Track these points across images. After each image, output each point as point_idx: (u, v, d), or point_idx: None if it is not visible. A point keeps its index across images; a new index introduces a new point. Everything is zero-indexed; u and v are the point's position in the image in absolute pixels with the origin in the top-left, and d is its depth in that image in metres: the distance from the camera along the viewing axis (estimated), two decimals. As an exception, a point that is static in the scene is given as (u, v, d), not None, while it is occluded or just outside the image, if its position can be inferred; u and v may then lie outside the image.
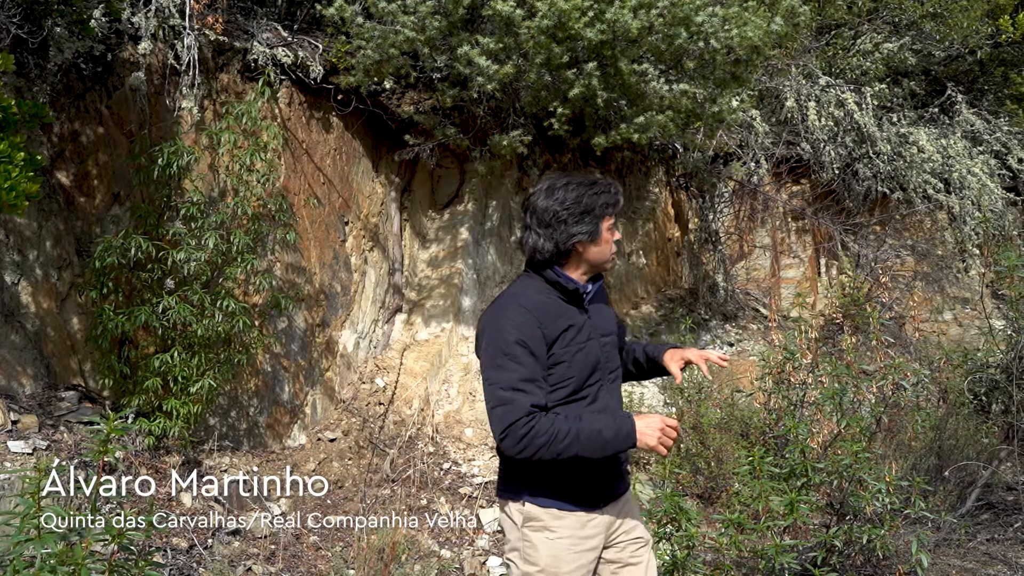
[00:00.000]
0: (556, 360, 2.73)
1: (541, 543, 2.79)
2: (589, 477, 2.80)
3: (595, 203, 2.78)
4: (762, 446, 5.29)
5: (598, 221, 2.79)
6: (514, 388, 2.63)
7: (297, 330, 6.63)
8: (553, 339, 2.72)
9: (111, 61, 5.73)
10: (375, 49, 6.08)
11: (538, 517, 2.80)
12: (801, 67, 9.43)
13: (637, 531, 2.97)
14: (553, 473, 2.76)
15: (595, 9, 5.71)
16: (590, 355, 2.80)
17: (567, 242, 2.79)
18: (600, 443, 2.61)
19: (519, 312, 2.73)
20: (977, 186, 9.44)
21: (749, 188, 9.36)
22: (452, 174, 7.80)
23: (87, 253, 5.59)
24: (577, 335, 2.78)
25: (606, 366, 2.87)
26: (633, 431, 2.63)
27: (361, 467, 6.32)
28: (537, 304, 2.76)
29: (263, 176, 5.91)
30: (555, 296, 2.82)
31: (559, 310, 2.79)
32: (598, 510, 2.84)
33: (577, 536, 2.80)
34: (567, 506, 2.79)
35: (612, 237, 2.86)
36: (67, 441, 5.10)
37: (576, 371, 2.75)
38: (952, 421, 6.43)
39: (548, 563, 2.78)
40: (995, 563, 5.47)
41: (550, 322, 2.73)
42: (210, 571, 4.78)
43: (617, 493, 2.92)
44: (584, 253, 2.82)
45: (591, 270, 2.88)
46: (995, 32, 10.01)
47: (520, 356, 2.66)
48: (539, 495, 2.80)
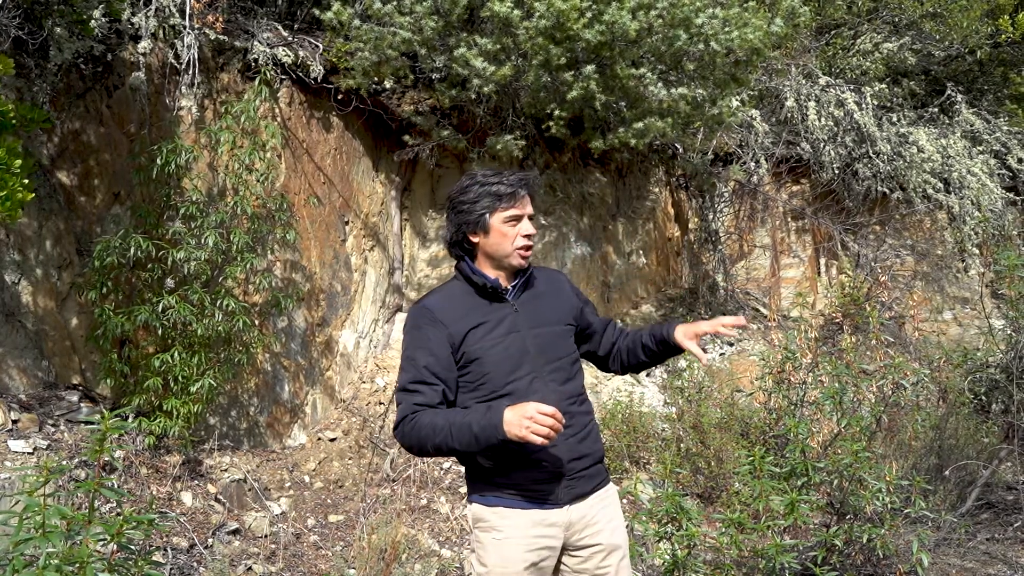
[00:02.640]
0: (469, 358, 2.72)
1: (489, 543, 2.75)
2: (535, 472, 2.72)
3: (483, 194, 2.75)
4: (762, 446, 5.30)
5: (486, 212, 2.75)
6: (404, 389, 2.69)
7: (297, 329, 6.63)
8: (460, 337, 2.72)
9: (111, 61, 5.74)
10: (373, 51, 6.08)
11: (485, 518, 2.77)
12: (801, 67, 9.43)
13: (602, 536, 2.82)
14: (496, 472, 2.73)
15: (593, 10, 5.71)
16: (510, 349, 2.74)
17: (456, 232, 2.81)
18: (470, 436, 2.52)
19: (421, 314, 2.77)
20: (977, 186, 9.44)
21: (749, 188, 9.36)
22: (452, 174, 7.80)
23: (87, 252, 5.59)
24: (492, 331, 2.74)
25: (540, 357, 2.77)
26: (501, 422, 2.48)
27: (361, 466, 6.33)
28: (442, 305, 2.77)
29: (263, 175, 5.92)
30: (470, 292, 2.81)
31: (468, 307, 2.77)
32: (552, 508, 2.74)
33: (528, 535, 2.72)
34: (515, 503, 2.73)
35: (514, 230, 2.77)
36: (67, 440, 5.10)
37: (492, 367, 2.71)
38: (952, 421, 6.43)
39: (496, 563, 2.73)
40: (995, 562, 5.47)
41: (455, 320, 2.73)
42: (210, 570, 4.78)
43: (580, 493, 2.79)
44: (482, 246, 2.80)
45: (498, 264, 2.81)
46: (995, 32, 10.00)
47: (416, 357, 2.70)
48: (486, 495, 2.77)
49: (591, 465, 2.83)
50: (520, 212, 2.77)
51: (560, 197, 7.98)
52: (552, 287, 2.96)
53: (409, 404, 2.65)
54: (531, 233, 2.80)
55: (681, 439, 6.49)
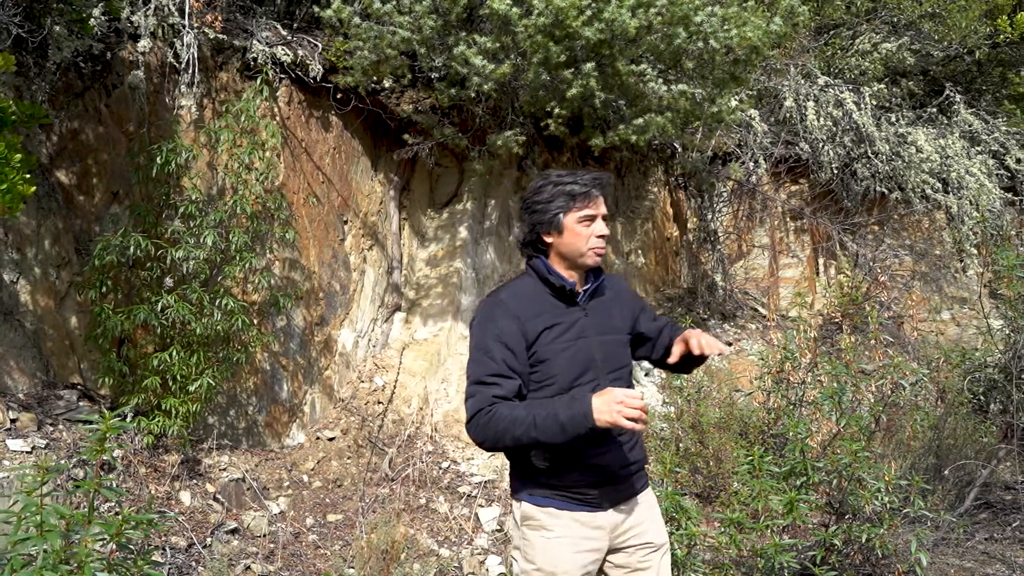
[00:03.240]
0: (539, 358, 2.73)
1: (538, 542, 2.78)
2: (587, 477, 2.76)
3: (558, 194, 2.77)
4: (761, 445, 5.30)
5: (560, 212, 2.77)
6: (480, 382, 2.67)
7: (296, 329, 6.63)
8: (534, 336, 2.72)
9: (110, 60, 5.73)
10: (372, 49, 6.08)
11: (535, 516, 2.79)
12: (800, 67, 9.44)
13: (648, 535, 2.89)
14: (548, 473, 2.75)
15: (593, 8, 5.70)
16: (579, 354, 2.76)
17: (531, 231, 2.83)
18: (557, 426, 2.54)
19: (496, 306, 2.77)
20: (975, 186, 9.45)
21: (748, 188, 9.37)
22: (451, 173, 7.81)
23: (86, 252, 5.59)
24: (564, 333, 2.76)
25: (604, 365, 2.80)
26: (590, 410, 2.51)
27: (360, 466, 6.32)
28: (518, 300, 2.78)
29: (262, 174, 5.91)
30: (544, 292, 2.82)
31: (543, 307, 2.78)
32: (601, 510, 2.79)
33: (576, 536, 2.76)
34: (566, 505, 2.77)
35: (588, 230, 2.79)
36: (66, 440, 5.09)
37: (560, 370, 2.73)
38: (951, 420, 6.43)
39: (544, 562, 2.77)
40: (993, 562, 5.47)
41: (530, 318, 2.73)
42: (209, 570, 4.78)
43: (626, 495, 2.85)
44: (556, 246, 2.82)
45: (572, 264, 2.83)
46: (993, 32, 10.01)
47: (492, 351, 2.68)
48: (537, 494, 2.79)
49: (638, 471, 2.91)
50: (594, 212, 2.80)
51: (559, 197, 7.97)
52: (615, 294, 2.99)
53: (486, 396, 2.64)
54: (604, 233, 2.82)
55: (680, 439, 6.50)
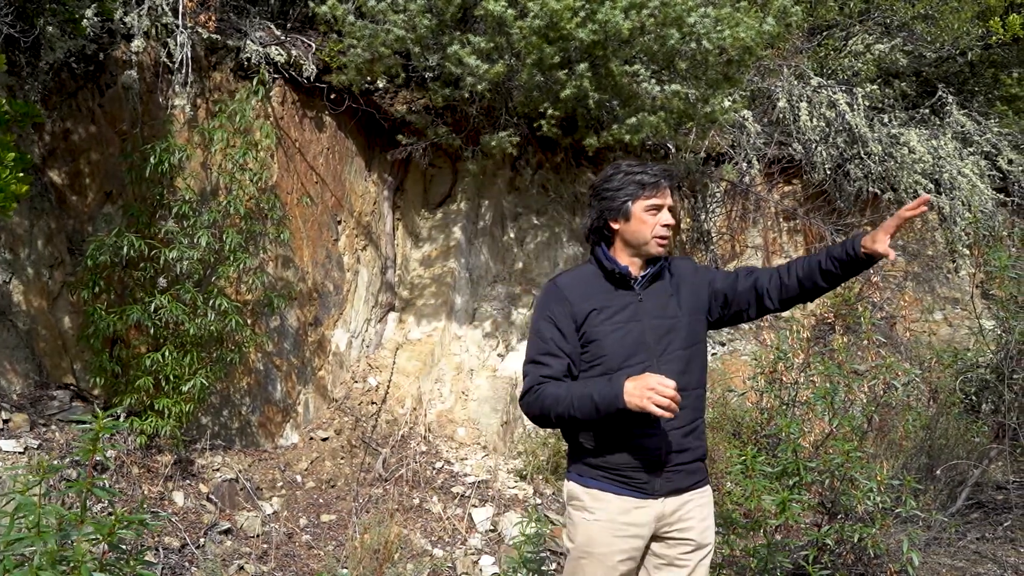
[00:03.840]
0: (588, 338, 2.83)
1: (579, 522, 2.87)
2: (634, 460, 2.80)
3: (628, 182, 2.86)
4: (754, 445, 5.31)
5: (628, 200, 2.86)
6: (532, 361, 2.84)
7: (289, 329, 6.62)
8: (583, 317, 2.82)
9: (103, 60, 5.72)
10: (366, 48, 6.08)
11: (579, 496, 2.88)
12: (793, 68, 9.45)
13: (693, 532, 2.89)
14: (596, 454, 2.83)
15: (587, 9, 5.71)
16: (628, 336, 2.82)
17: (599, 219, 2.92)
18: (591, 405, 2.64)
19: (550, 290, 2.92)
20: (967, 187, 9.46)
21: (741, 188, 9.38)
22: (445, 173, 7.80)
23: (79, 252, 5.58)
24: (614, 316, 2.84)
25: (657, 347, 2.84)
26: (621, 392, 2.58)
27: (353, 466, 6.32)
28: (571, 283, 2.91)
29: (256, 175, 5.91)
30: (599, 277, 2.92)
31: (596, 290, 2.88)
32: (650, 497, 2.82)
33: (617, 521, 2.81)
34: (610, 487, 2.83)
35: (654, 219, 2.86)
36: (58, 440, 5.08)
37: (609, 350, 2.80)
38: (943, 420, 6.45)
39: (582, 542, 2.85)
40: (985, 562, 5.49)
41: (581, 300, 2.85)
42: (202, 570, 4.78)
43: (677, 487, 2.87)
44: (621, 232, 2.90)
45: (635, 252, 2.91)
46: (985, 34, 10.02)
47: (543, 331, 2.84)
48: (584, 475, 2.88)
49: (692, 461, 2.90)
50: (661, 202, 2.88)
51: (552, 197, 7.99)
52: (679, 278, 3.01)
53: (535, 375, 2.79)
54: (670, 223, 2.89)
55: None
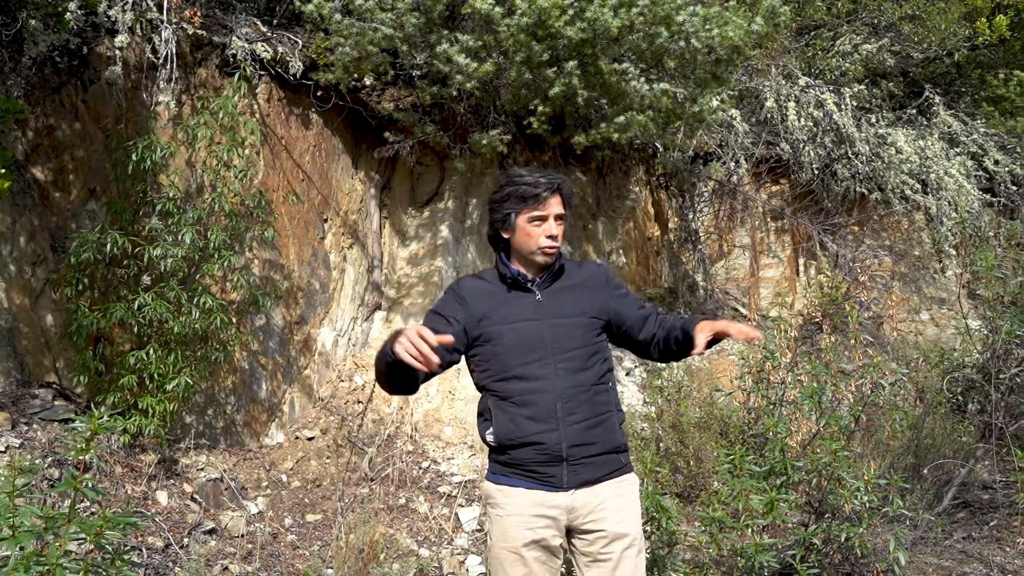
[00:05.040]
0: (485, 338, 2.92)
1: (494, 518, 2.94)
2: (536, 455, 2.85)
3: (511, 194, 2.94)
4: (742, 445, 5.30)
5: (511, 212, 2.94)
6: None
7: (275, 327, 6.58)
8: (478, 317, 2.93)
9: (87, 55, 5.67)
10: (353, 46, 6.05)
11: (491, 495, 2.96)
12: (781, 67, 9.46)
13: (607, 523, 2.88)
14: (500, 451, 2.91)
15: (575, 7, 5.70)
16: (525, 333, 2.90)
17: (491, 227, 3.04)
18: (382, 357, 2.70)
19: (450, 288, 3.06)
20: (954, 187, 9.50)
21: (729, 188, 9.39)
22: (432, 172, 7.77)
23: (62, 249, 5.53)
24: (510, 316, 2.92)
25: (555, 345, 2.90)
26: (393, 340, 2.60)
27: (339, 466, 6.29)
28: (470, 286, 3.03)
29: (241, 172, 5.87)
30: (497, 281, 3.02)
31: (494, 292, 2.99)
32: (555, 491, 2.86)
33: (527, 514, 2.86)
34: (519, 483, 2.89)
35: (538, 230, 2.93)
36: (40, 439, 5.04)
37: (503, 349, 2.89)
38: (929, 420, 6.47)
39: (497, 537, 2.91)
40: (971, 561, 5.51)
41: (477, 301, 2.96)
42: (186, 570, 4.74)
43: (587, 479, 2.88)
44: (511, 242, 3.00)
45: (526, 261, 2.99)
46: (972, 35, 10.06)
47: (427, 319, 2.95)
48: (496, 472, 2.97)
49: (600, 454, 2.92)
50: (544, 213, 2.93)
51: (540, 196, 7.96)
52: (584, 281, 3.09)
53: None
54: (554, 234, 2.94)
55: (660, 438, 6.50)
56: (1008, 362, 6.09)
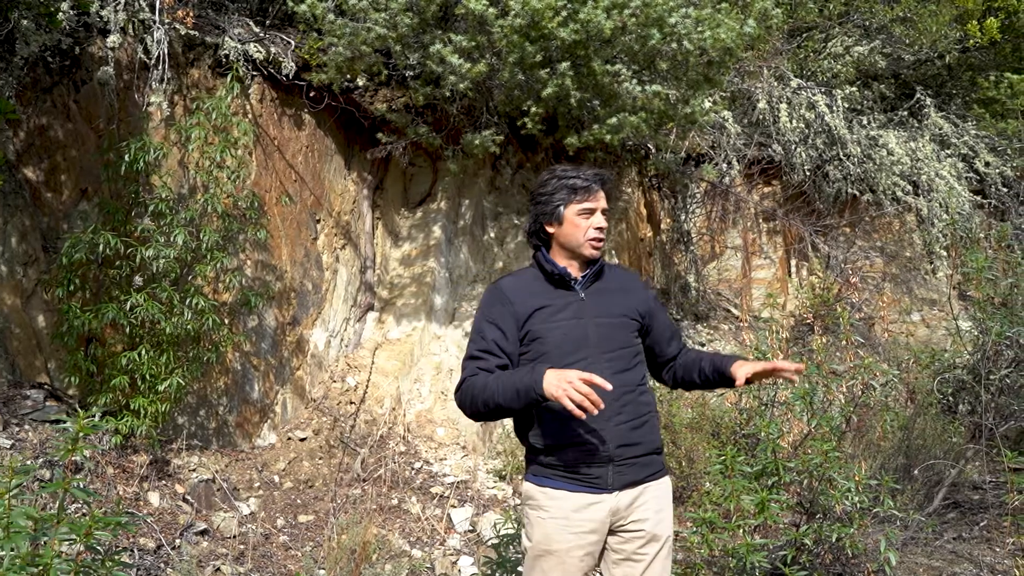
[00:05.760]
0: (531, 336, 2.90)
1: (535, 521, 2.90)
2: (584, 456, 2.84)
3: (560, 186, 2.95)
4: (733, 445, 5.31)
5: (560, 204, 2.94)
6: (470, 357, 2.91)
7: (267, 328, 6.58)
8: (526, 316, 2.91)
9: (79, 55, 5.66)
10: (347, 46, 6.05)
11: (533, 496, 2.92)
12: (773, 69, 9.49)
13: (648, 524, 2.91)
14: (547, 452, 2.88)
15: (568, 9, 5.71)
16: (571, 332, 2.89)
17: (535, 223, 3.03)
18: (513, 391, 2.70)
19: (492, 292, 3.00)
20: (945, 189, 9.54)
21: (721, 189, 9.41)
22: (425, 172, 7.78)
23: (54, 249, 5.51)
24: (557, 313, 2.91)
25: (600, 345, 2.90)
26: (540, 380, 2.63)
27: (332, 466, 6.29)
28: (512, 285, 2.99)
29: (233, 173, 5.86)
30: (541, 279, 3.00)
31: (537, 290, 2.96)
32: (600, 492, 2.86)
33: (571, 517, 2.85)
34: (563, 485, 2.87)
35: (586, 223, 2.94)
36: (32, 440, 5.02)
37: (551, 346, 2.87)
38: (920, 421, 6.49)
39: (539, 540, 2.88)
40: (961, 561, 5.52)
41: (522, 300, 2.93)
42: (178, 571, 4.73)
43: (632, 480, 2.90)
44: (556, 236, 2.99)
45: (571, 255, 2.99)
46: (963, 37, 10.11)
47: (484, 331, 2.92)
48: (539, 475, 2.92)
49: (644, 454, 2.94)
50: (593, 205, 2.95)
51: (533, 197, 7.96)
52: (625, 285, 3.12)
53: (471, 368, 2.88)
54: (602, 226, 2.97)
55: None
56: (998, 363, 6.11)
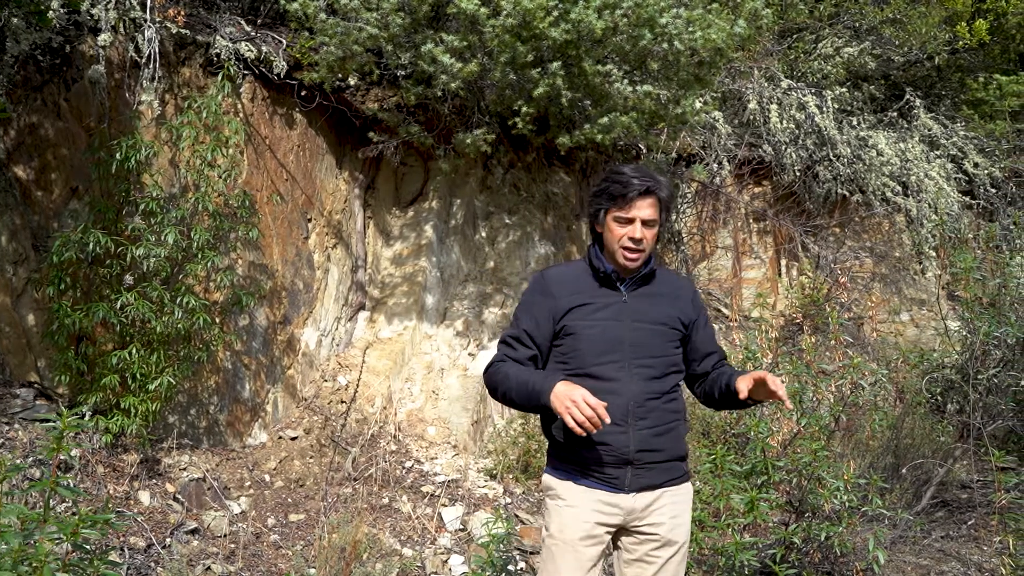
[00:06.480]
0: (567, 331, 2.92)
1: (553, 509, 2.95)
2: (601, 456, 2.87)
3: (604, 190, 2.95)
4: (723, 445, 5.33)
5: (601, 208, 2.95)
6: (504, 340, 3.00)
7: (258, 327, 6.57)
8: (564, 311, 2.93)
9: (70, 53, 5.64)
10: (338, 46, 6.05)
11: (552, 486, 2.97)
12: (763, 70, 9.51)
13: (661, 528, 2.94)
14: (566, 448, 2.91)
15: (560, 9, 5.72)
16: (606, 333, 2.89)
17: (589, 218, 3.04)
18: (526, 392, 2.79)
19: (538, 281, 3.05)
20: (934, 189, 9.58)
21: (711, 189, 9.43)
22: (416, 172, 7.78)
23: (44, 248, 5.50)
24: (595, 312, 2.92)
25: (634, 350, 2.90)
26: (549, 390, 2.69)
27: (323, 465, 6.29)
28: (559, 277, 3.03)
29: (225, 172, 5.85)
30: (587, 274, 3.01)
31: (581, 287, 2.97)
32: (617, 492, 2.88)
33: (588, 509, 2.89)
34: (583, 482, 2.90)
35: (621, 231, 2.91)
36: (22, 439, 5.01)
37: (584, 345, 2.89)
38: (909, 420, 6.52)
39: (555, 529, 2.92)
40: (949, 560, 5.56)
41: (564, 295, 2.95)
42: (168, 570, 4.73)
43: (650, 484, 2.92)
44: (603, 237, 2.99)
45: (613, 258, 2.97)
46: (952, 38, 10.16)
47: (521, 318, 2.99)
48: (559, 468, 2.97)
49: (665, 461, 2.96)
50: (628, 215, 2.90)
51: (524, 196, 7.99)
52: (673, 291, 3.09)
53: (501, 353, 2.98)
54: (636, 237, 2.90)
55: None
56: (986, 363, 6.15)
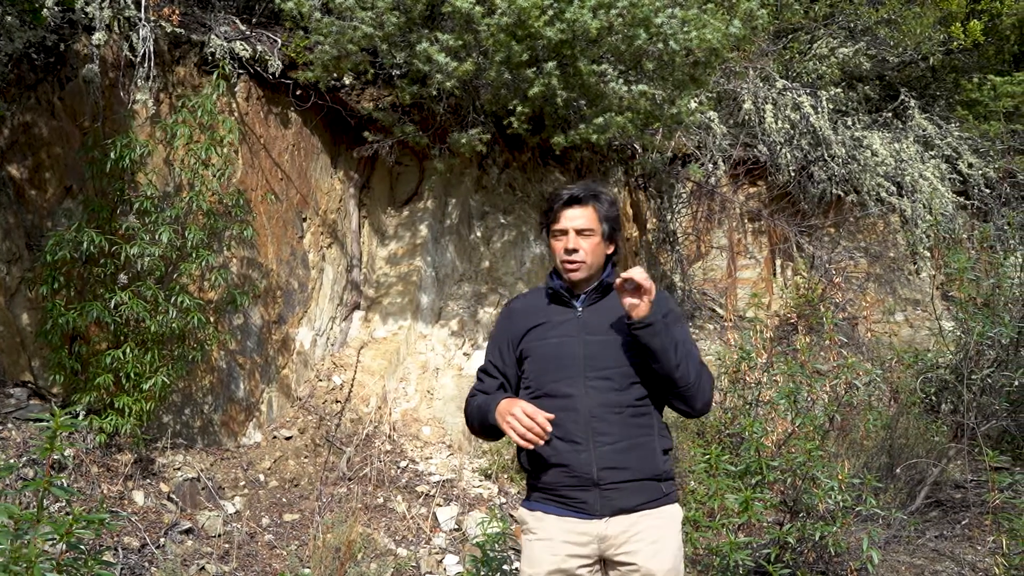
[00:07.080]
0: (524, 354, 2.88)
1: (525, 544, 2.86)
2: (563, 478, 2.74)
3: (544, 210, 2.93)
4: (718, 444, 5.34)
5: (544, 226, 2.92)
6: (478, 373, 3.00)
7: (253, 327, 6.56)
8: (521, 334, 2.90)
9: (64, 52, 5.63)
10: (333, 45, 6.04)
11: (525, 520, 2.87)
12: (758, 70, 9.53)
13: (639, 556, 2.70)
14: (533, 476, 2.84)
15: (555, 8, 5.72)
16: (558, 350, 2.79)
17: None
18: (481, 418, 2.81)
19: (501, 311, 3.08)
20: (928, 190, 9.61)
21: (707, 189, 9.44)
22: (411, 171, 7.77)
23: (38, 247, 5.48)
24: (548, 332, 2.85)
25: (588, 363, 2.76)
26: (495, 411, 2.71)
27: (317, 465, 6.28)
28: (519, 304, 3.03)
29: (219, 171, 5.84)
30: (543, 295, 2.96)
31: (538, 307, 2.93)
32: (588, 518, 2.72)
33: (556, 540, 2.74)
34: (552, 509, 2.78)
35: (558, 243, 2.85)
36: (15, 439, 5.00)
37: (540, 364, 2.82)
38: (903, 420, 6.53)
39: (526, 564, 2.81)
40: (943, 559, 5.57)
41: (521, 319, 2.93)
42: (162, 570, 4.72)
43: (621, 507, 2.72)
44: None
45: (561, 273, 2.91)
46: (947, 39, 10.18)
47: (489, 350, 2.99)
48: (530, 498, 2.88)
49: (635, 480, 2.74)
50: (561, 227, 2.85)
51: (519, 196, 7.99)
52: None
53: (473, 387, 2.99)
54: (570, 247, 2.82)
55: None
56: (980, 363, 6.16)
